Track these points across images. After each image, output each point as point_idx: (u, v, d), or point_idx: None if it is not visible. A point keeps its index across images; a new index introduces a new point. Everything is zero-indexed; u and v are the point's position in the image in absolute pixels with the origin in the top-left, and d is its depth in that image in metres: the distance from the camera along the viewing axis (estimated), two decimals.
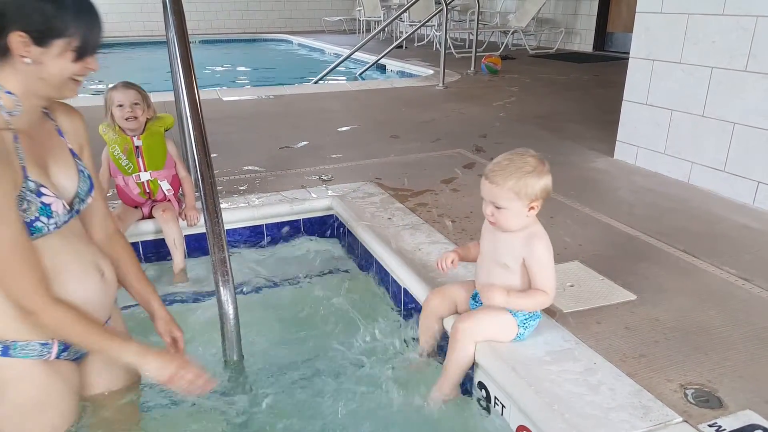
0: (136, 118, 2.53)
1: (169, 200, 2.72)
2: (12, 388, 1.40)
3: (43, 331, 1.38)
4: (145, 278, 1.74)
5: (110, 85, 2.58)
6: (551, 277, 1.68)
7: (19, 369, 1.39)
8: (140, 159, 2.62)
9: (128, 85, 2.55)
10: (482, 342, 1.76)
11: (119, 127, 2.56)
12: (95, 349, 1.47)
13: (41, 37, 1.24)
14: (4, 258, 1.24)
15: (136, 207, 2.70)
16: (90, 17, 1.31)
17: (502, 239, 1.71)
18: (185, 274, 2.65)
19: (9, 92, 1.27)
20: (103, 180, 2.64)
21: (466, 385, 1.86)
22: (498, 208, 1.63)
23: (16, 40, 1.22)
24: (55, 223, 1.37)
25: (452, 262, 1.85)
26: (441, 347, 1.92)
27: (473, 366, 1.80)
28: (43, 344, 1.41)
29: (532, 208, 1.63)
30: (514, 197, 1.60)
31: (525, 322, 1.76)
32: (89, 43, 1.31)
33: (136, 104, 2.52)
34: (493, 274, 1.75)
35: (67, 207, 1.41)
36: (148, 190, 2.67)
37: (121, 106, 2.51)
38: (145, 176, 2.64)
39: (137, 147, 2.60)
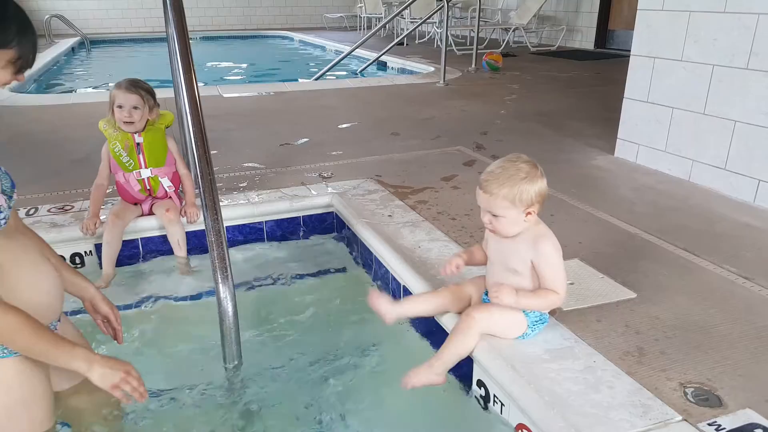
0: (132, 122, 2.53)
1: (170, 197, 2.72)
2: (7, 388, 1.39)
3: None
4: (69, 265, 1.75)
5: (117, 82, 2.56)
6: (561, 276, 1.67)
7: (2, 369, 1.38)
8: (141, 156, 2.61)
9: (132, 87, 2.52)
10: (486, 337, 1.75)
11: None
12: (43, 356, 1.38)
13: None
14: None
15: (135, 204, 2.70)
16: (29, 33, 1.33)
17: (509, 245, 1.71)
18: (189, 269, 2.67)
19: None
20: (102, 176, 2.64)
21: (465, 383, 1.86)
22: (495, 216, 1.64)
23: None
24: (5, 218, 1.36)
25: (457, 267, 1.83)
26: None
27: (472, 364, 1.80)
28: None
29: (529, 213, 1.63)
30: (510, 205, 1.61)
31: (534, 324, 1.76)
32: (28, 58, 1.34)
33: (135, 108, 2.51)
34: (503, 280, 1.74)
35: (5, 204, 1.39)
36: (148, 187, 2.67)
37: (120, 107, 2.51)
38: (145, 173, 2.64)
39: (138, 144, 2.59)
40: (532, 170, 1.62)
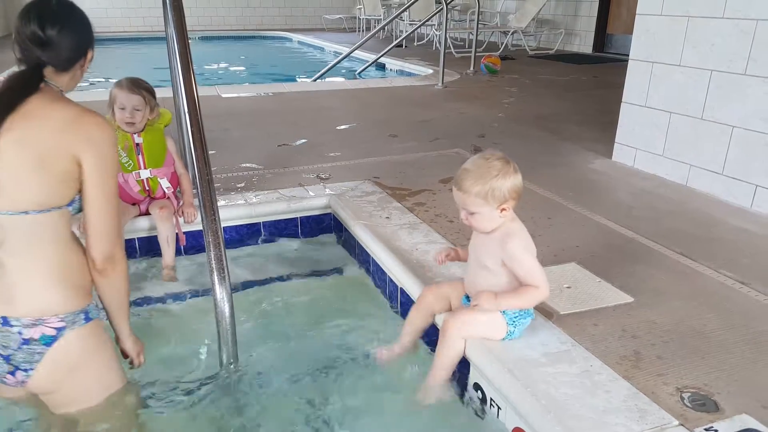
0: (134, 123, 2.52)
1: (168, 197, 2.71)
2: (108, 339, 1.63)
3: (108, 282, 1.55)
4: None
5: (118, 81, 2.54)
6: (536, 271, 1.68)
7: (98, 327, 1.58)
8: (140, 156, 2.60)
9: (134, 88, 2.51)
10: (475, 341, 1.75)
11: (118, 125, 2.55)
12: (124, 308, 1.63)
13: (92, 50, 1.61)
14: (114, 206, 1.50)
15: (133, 204, 2.69)
16: None
17: (482, 242, 1.74)
18: (174, 271, 2.63)
19: (61, 90, 1.54)
20: None
21: (461, 386, 1.86)
22: (471, 213, 1.67)
23: (90, 56, 1.59)
24: (75, 208, 1.56)
25: (447, 256, 1.91)
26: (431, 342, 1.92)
27: (469, 367, 1.80)
28: (95, 305, 1.58)
29: (503, 209, 1.65)
30: (483, 202, 1.64)
31: (514, 320, 1.75)
32: None
33: (137, 110, 2.51)
34: (478, 276, 1.78)
35: None
36: (147, 188, 2.66)
37: (123, 108, 2.50)
38: (145, 174, 2.63)
39: (137, 144, 2.59)
40: (505, 167, 1.64)
